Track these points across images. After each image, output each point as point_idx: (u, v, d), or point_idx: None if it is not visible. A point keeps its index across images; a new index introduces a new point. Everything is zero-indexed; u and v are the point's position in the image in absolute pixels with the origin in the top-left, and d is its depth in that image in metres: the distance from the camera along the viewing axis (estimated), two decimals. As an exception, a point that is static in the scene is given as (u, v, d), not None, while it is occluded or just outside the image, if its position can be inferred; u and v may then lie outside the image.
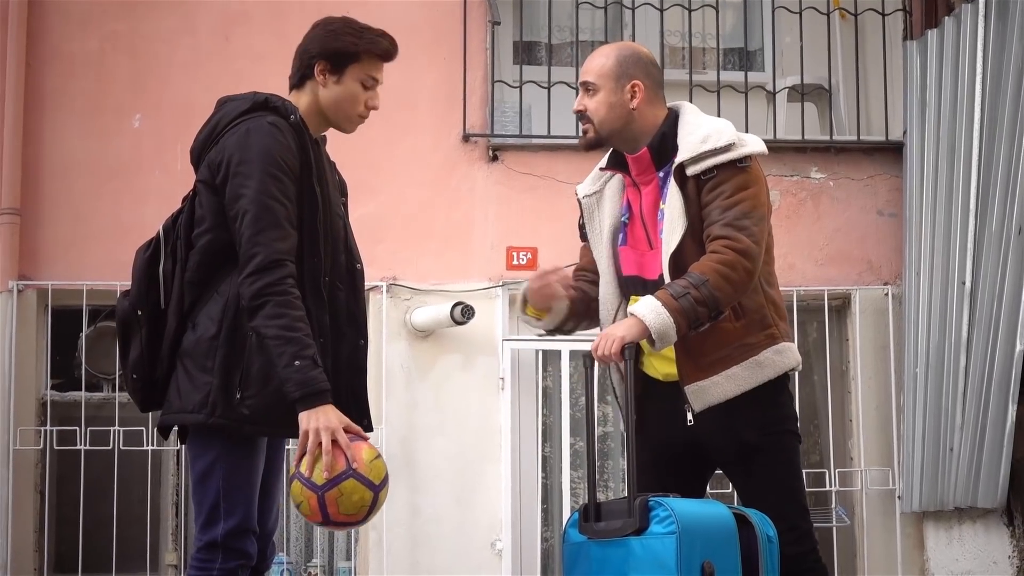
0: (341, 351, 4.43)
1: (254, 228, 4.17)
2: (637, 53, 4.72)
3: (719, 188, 4.49)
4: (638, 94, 4.63)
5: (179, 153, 8.77)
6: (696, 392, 4.51)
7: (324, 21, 4.50)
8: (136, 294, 4.42)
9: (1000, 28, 8.41)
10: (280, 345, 4.10)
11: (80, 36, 8.98)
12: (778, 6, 9.38)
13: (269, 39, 8.97)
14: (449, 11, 9.09)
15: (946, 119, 8.70)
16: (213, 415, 4.21)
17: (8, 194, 8.69)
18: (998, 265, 8.14)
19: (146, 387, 4.40)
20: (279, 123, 4.31)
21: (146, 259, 4.45)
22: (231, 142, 4.29)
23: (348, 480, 4.08)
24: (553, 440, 8.97)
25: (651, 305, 4.35)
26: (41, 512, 8.71)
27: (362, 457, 4.12)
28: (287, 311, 4.13)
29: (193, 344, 4.28)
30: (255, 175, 4.21)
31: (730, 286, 4.39)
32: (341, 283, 4.44)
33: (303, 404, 4.09)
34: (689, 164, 4.51)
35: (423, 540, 8.75)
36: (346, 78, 4.42)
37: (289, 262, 4.18)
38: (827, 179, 9.28)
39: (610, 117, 4.63)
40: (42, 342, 8.84)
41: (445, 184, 9.06)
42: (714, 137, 4.52)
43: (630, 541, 4.19)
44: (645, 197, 4.64)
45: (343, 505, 4.10)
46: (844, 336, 9.32)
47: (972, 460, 8.18)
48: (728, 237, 4.42)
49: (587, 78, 4.67)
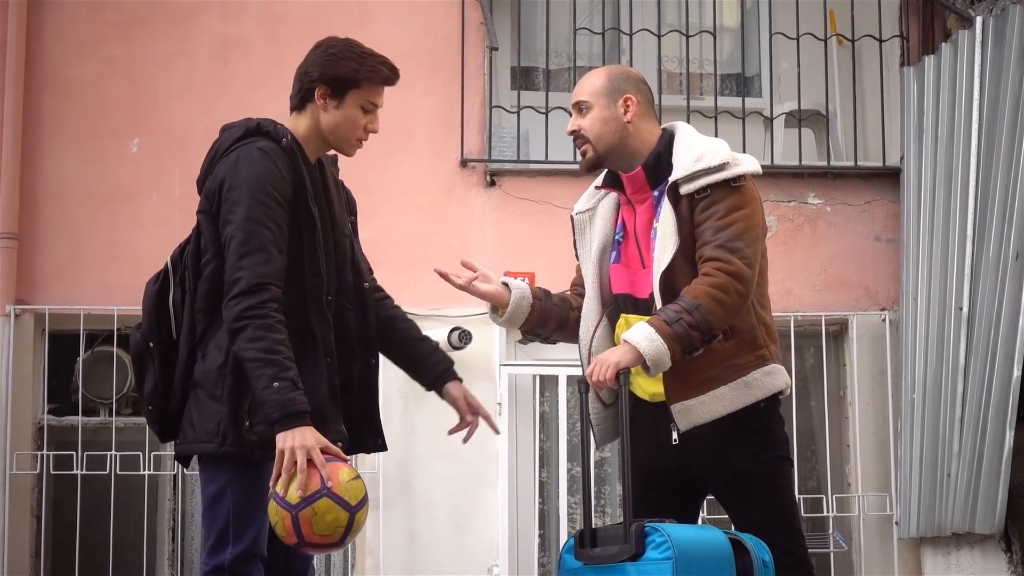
0: (353, 371, 4.43)
1: (239, 253, 4.18)
2: (626, 71, 4.77)
3: (712, 208, 4.47)
4: (631, 107, 4.62)
5: (177, 178, 8.81)
6: (682, 411, 4.49)
7: (326, 43, 4.49)
8: (147, 326, 4.41)
9: (997, 54, 8.43)
10: (259, 367, 4.09)
11: (78, 61, 9.00)
12: (775, 32, 9.40)
13: (267, 64, 8.99)
14: (447, 36, 9.11)
15: (943, 145, 8.71)
16: (224, 443, 4.22)
17: (5, 218, 8.69)
18: (995, 291, 8.14)
19: (162, 418, 4.40)
20: (269, 148, 4.31)
21: (156, 291, 4.43)
22: (222, 171, 4.31)
23: (322, 499, 4.04)
24: (550, 465, 8.96)
25: (645, 332, 4.33)
26: (37, 537, 8.69)
27: (338, 477, 4.08)
28: (267, 334, 4.11)
29: (203, 374, 4.29)
30: (243, 201, 4.22)
31: (723, 310, 4.37)
32: (350, 303, 4.45)
33: (281, 425, 4.07)
34: (683, 183, 4.49)
35: (420, 565, 8.73)
36: (346, 103, 4.41)
37: (273, 286, 4.17)
38: (824, 204, 9.29)
39: (606, 132, 4.62)
40: (39, 366, 8.83)
41: (443, 209, 9.07)
42: (708, 156, 4.51)
43: (626, 567, 4.18)
44: (639, 216, 4.63)
45: (317, 525, 4.05)
46: (841, 361, 9.31)
47: (970, 486, 8.17)
48: (721, 259, 4.40)
49: (579, 97, 4.68)
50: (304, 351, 4.26)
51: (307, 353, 4.28)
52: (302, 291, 4.29)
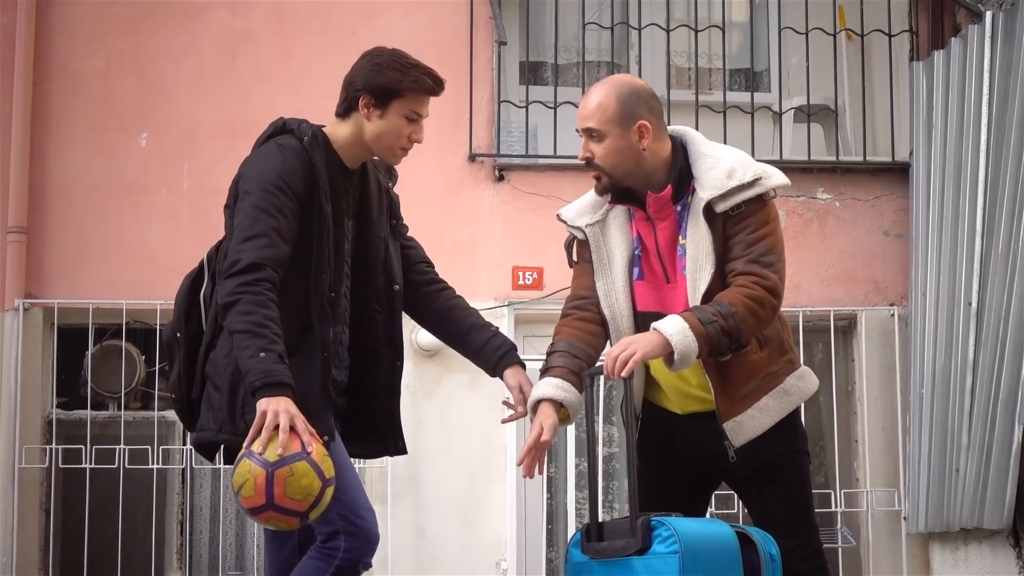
0: (378, 372, 4.47)
1: (242, 236, 4.20)
2: (636, 89, 4.51)
3: (744, 222, 4.44)
4: (646, 134, 4.46)
5: (185, 172, 8.82)
6: (735, 428, 4.49)
7: (372, 53, 4.52)
8: (176, 317, 4.47)
9: (1007, 49, 8.42)
10: (247, 339, 4.08)
11: (86, 55, 9.00)
12: (785, 27, 9.39)
13: (275, 59, 9.00)
14: (456, 31, 9.11)
15: (952, 140, 8.70)
16: (219, 432, 4.26)
17: (14, 213, 8.70)
18: (1004, 286, 8.13)
19: (184, 407, 4.44)
20: (287, 144, 4.36)
21: (189, 284, 4.47)
22: (242, 169, 4.38)
23: (301, 462, 4.00)
24: (558, 460, 8.96)
25: (679, 326, 4.29)
26: (46, 531, 8.71)
27: (316, 448, 4.05)
28: (257, 309, 4.11)
29: (212, 364, 4.34)
30: (254, 191, 4.26)
31: (756, 321, 4.37)
32: (379, 305, 4.49)
33: (263, 392, 4.03)
34: (718, 201, 4.41)
35: (428, 560, 8.73)
36: (390, 113, 4.44)
37: (270, 268, 4.17)
38: (833, 200, 9.28)
39: (621, 162, 4.48)
40: (48, 360, 8.84)
41: (451, 204, 9.06)
42: (739, 171, 4.43)
43: (632, 561, 4.18)
44: (661, 231, 4.54)
45: (291, 487, 3.99)
46: (850, 357, 9.30)
47: (978, 481, 8.16)
48: (756, 274, 4.39)
49: (589, 124, 4.47)
50: (301, 344, 4.27)
51: (304, 346, 4.28)
52: (305, 284, 4.30)
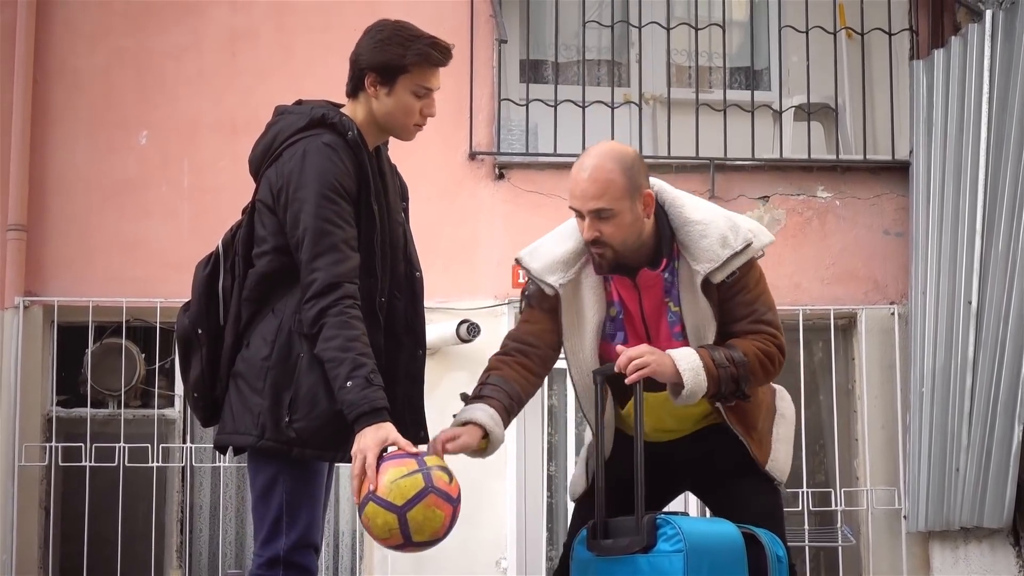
0: (399, 361, 4.35)
1: (311, 253, 4.09)
2: (633, 156, 4.38)
3: (740, 282, 4.41)
4: (650, 203, 4.39)
5: (185, 168, 8.81)
6: (774, 467, 4.52)
7: (375, 28, 4.33)
8: (196, 312, 4.32)
9: (1007, 48, 8.42)
10: (334, 367, 4.03)
11: (87, 52, 9.00)
12: (785, 25, 9.39)
13: (275, 55, 9.00)
14: (456, 29, 9.09)
15: (952, 139, 8.70)
16: (262, 437, 4.15)
17: (14, 210, 8.70)
18: (1004, 285, 8.13)
19: (208, 406, 4.34)
20: (335, 143, 4.21)
21: (206, 276, 4.33)
22: (288, 166, 4.20)
23: (368, 504, 4.01)
24: (558, 459, 8.96)
25: (693, 365, 4.27)
26: (46, 528, 8.71)
27: (382, 479, 4.02)
28: (340, 331, 4.03)
29: (246, 364, 4.21)
30: (311, 199, 4.12)
31: (764, 375, 4.39)
32: (400, 292, 4.37)
33: (357, 425, 4.01)
34: (716, 273, 4.37)
35: (428, 558, 8.66)
36: (397, 89, 4.29)
37: (348, 283, 4.09)
38: (833, 198, 9.28)
39: (630, 236, 4.38)
40: (47, 358, 8.84)
41: (451, 202, 9.06)
42: (731, 238, 4.37)
43: (637, 559, 4.18)
44: (647, 298, 4.48)
45: (374, 529, 4.04)
46: (850, 355, 9.30)
47: (978, 480, 8.17)
48: (767, 334, 4.40)
49: (601, 205, 4.32)
50: None
51: None
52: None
